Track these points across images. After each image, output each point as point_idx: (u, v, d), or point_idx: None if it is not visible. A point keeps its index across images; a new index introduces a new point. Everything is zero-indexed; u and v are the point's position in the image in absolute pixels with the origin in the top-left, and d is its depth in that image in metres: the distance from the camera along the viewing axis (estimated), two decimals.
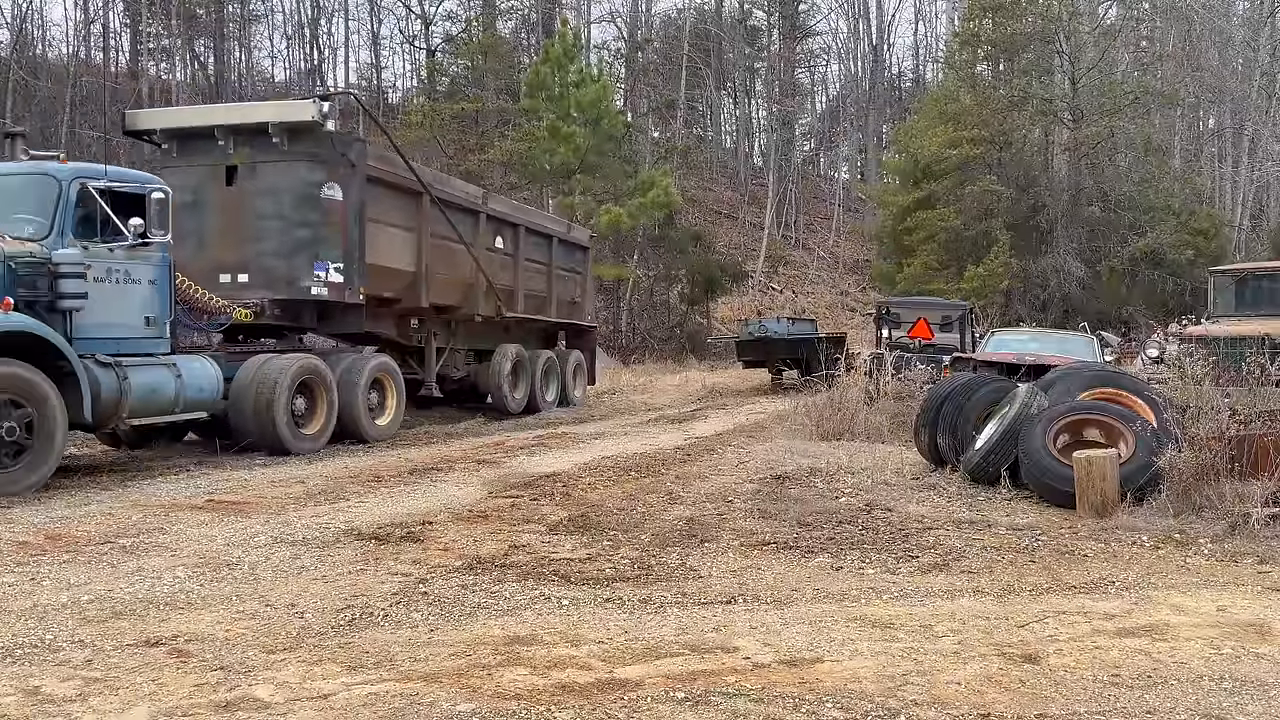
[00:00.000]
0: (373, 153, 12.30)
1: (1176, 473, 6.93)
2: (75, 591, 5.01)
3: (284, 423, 10.37)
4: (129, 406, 8.90)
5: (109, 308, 8.81)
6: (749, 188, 51.26)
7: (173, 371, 9.39)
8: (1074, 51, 32.43)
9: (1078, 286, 30.15)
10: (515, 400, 15.59)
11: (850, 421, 12.03)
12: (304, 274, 11.24)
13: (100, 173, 8.99)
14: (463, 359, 15.03)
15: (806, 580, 5.41)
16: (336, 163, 11.49)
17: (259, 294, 11.10)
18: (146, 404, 9.11)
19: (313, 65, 45.95)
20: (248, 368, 10.37)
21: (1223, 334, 13.10)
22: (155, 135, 12.30)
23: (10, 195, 8.76)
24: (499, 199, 16.39)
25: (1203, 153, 43.87)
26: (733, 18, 56.21)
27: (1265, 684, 3.87)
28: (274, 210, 11.33)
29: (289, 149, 11.44)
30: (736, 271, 36.94)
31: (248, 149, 11.53)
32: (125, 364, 8.88)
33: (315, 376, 10.90)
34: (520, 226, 15.88)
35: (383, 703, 3.59)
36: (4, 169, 9.24)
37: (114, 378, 8.70)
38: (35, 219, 8.57)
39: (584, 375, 18.43)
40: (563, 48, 30.19)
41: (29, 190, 8.75)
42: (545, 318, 16.93)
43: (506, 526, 6.73)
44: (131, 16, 41.01)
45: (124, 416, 9.01)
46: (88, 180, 8.82)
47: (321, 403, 11.01)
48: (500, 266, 15.16)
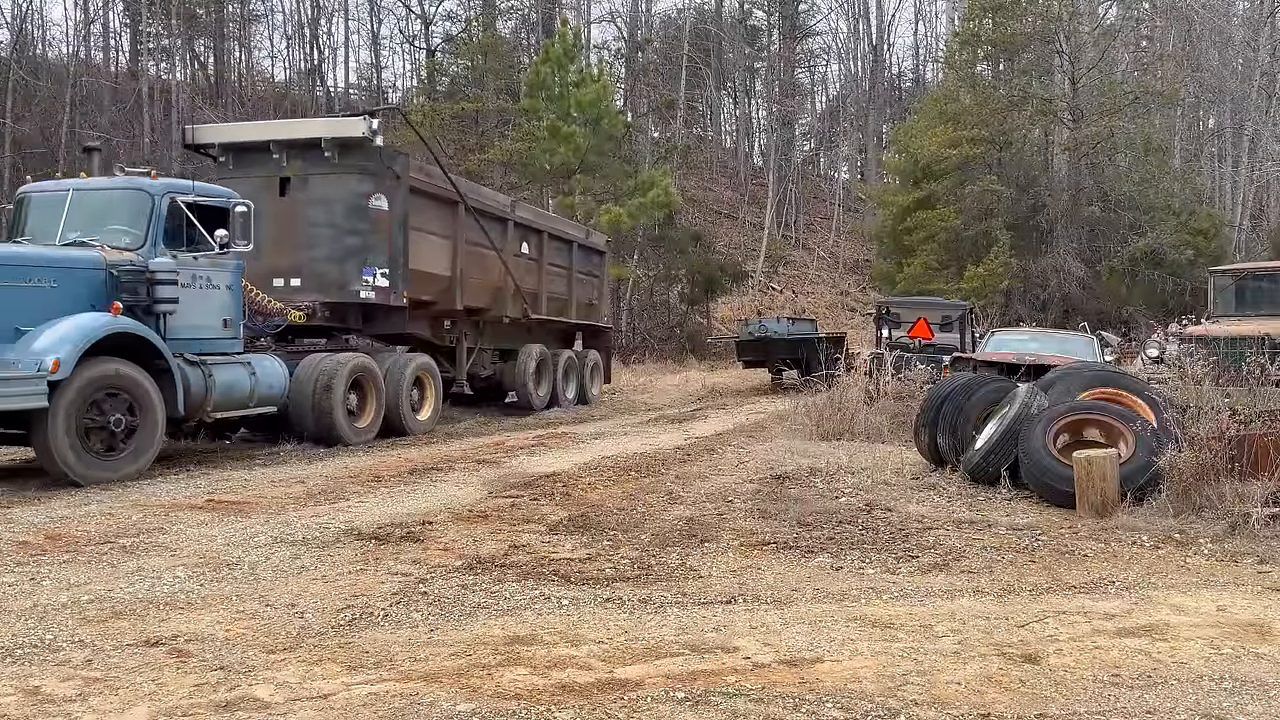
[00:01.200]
0: (414, 165, 13.27)
1: (1176, 473, 6.93)
2: (75, 591, 5.01)
3: (341, 416, 11.25)
4: (213, 401, 9.78)
5: (193, 311, 9.63)
6: (749, 188, 51.26)
7: (248, 369, 10.27)
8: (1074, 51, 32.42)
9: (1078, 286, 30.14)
10: (539, 397, 16.34)
11: (850, 421, 12.04)
12: (353, 279, 12.15)
13: (188, 188, 9.96)
14: (490, 358, 15.83)
15: (806, 580, 5.41)
16: (383, 175, 12.41)
17: (310, 297, 11.92)
18: (227, 399, 9.98)
19: (313, 65, 45.94)
20: (306, 365, 11.19)
21: (1223, 334, 13.10)
22: (213, 149, 13.10)
23: (106, 208, 9.58)
24: (525, 206, 17.32)
25: (1203, 153, 43.85)
26: (733, 18, 56.22)
27: (1265, 684, 3.87)
28: (325, 219, 12.19)
29: (339, 162, 12.29)
30: (736, 271, 36.92)
31: (300, 162, 12.36)
32: (209, 362, 9.77)
33: (366, 374, 11.79)
34: (544, 232, 16.80)
35: (383, 703, 3.59)
36: (100, 184, 9.95)
37: (201, 375, 9.61)
38: (130, 230, 9.40)
39: (600, 374, 19.21)
40: (563, 48, 30.17)
41: (124, 204, 9.57)
42: (566, 319, 17.76)
43: (506, 526, 6.73)
44: (131, 16, 41.00)
45: (208, 410, 9.82)
46: (176, 195, 9.69)
47: (371, 398, 11.91)
48: (525, 271, 16.06)
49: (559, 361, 17.15)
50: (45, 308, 8.50)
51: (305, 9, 45.62)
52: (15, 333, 8.30)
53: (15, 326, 8.31)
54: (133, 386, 8.79)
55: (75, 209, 9.52)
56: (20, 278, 8.52)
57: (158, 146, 31.13)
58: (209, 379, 9.68)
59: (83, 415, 8.43)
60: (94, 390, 8.50)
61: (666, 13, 60.30)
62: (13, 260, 8.63)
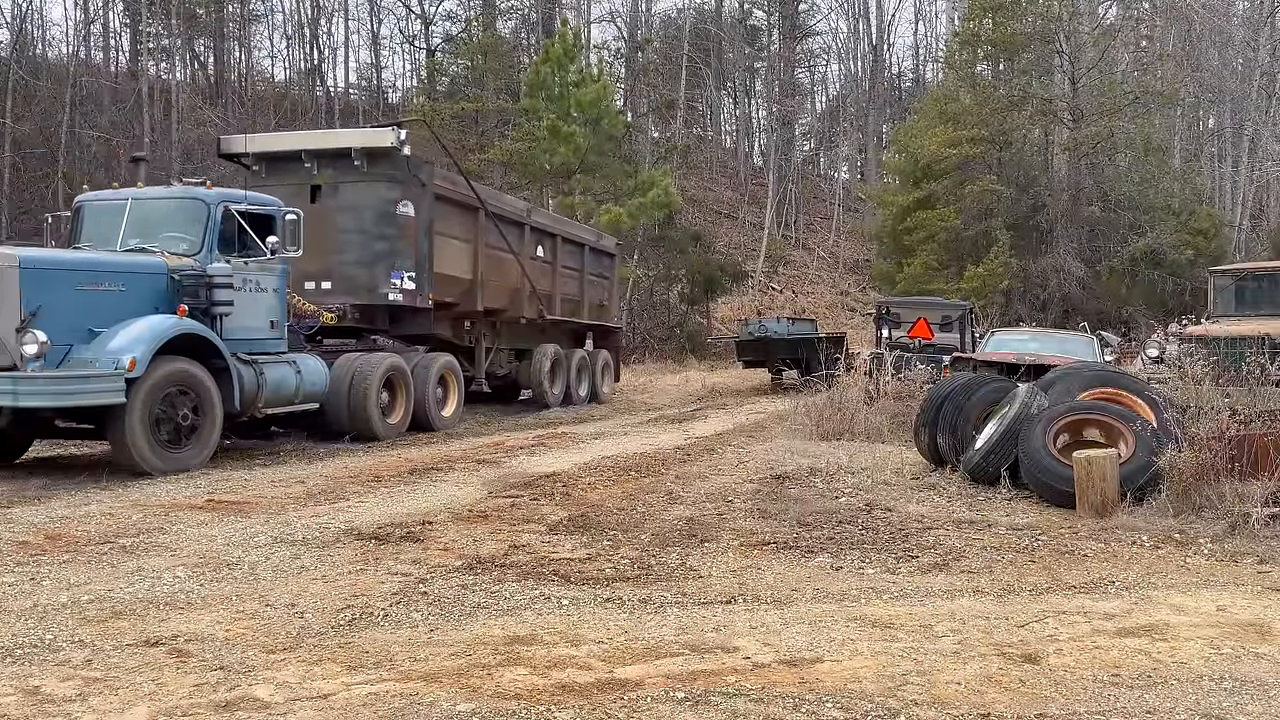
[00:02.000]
0: (439, 173, 13.98)
1: (1176, 473, 6.92)
2: (75, 591, 5.01)
3: (375, 413, 11.84)
4: (264, 398, 10.31)
5: (245, 313, 10.14)
6: (749, 188, 51.25)
7: (293, 368, 10.84)
8: (1074, 51, 32.41)
9: (1078, 286, 30.14)
10: (554, 395, 16.90)
11: (850, 421, 12.03)
12: (382, 282, 12.76)
13: (240, 197, 10.50)
14: (506, 357, 16.42)
15: (806, 580, 5.41)
16: (410, 183, 12.97)
17: (340, 299, 12.53)
18: (277, 395, 10.54)
19: (313, 65, 45.92)
20: (342, 364, 11.76)
21: (1223, 334, 13.09)
22: (246, 158, 13.58)
23: (164, 216, 10.15)
24: (540, 211, 18.17)
25: (1203, 153, 43.85)
26: (733, 18, 56.22)
27: (1265, 684, 3.87)
28: (354, 225, 12.74)
29: (368, 171, 12.83)
30: (736, 271, 36.91)
31: (331, 170, 12.94)
32: (260, 361, 10.30)
33: (397, 373, 12.39)
34: (558, 236, 17.42)
35: (383, 703, 3.59)
36: (158, 193, 10.59)
37: (253, 373, 10.13)
38: (188, 237, 9.96)
39: (611, 372, 19.85)
40: (563, 48, 30.15)
41: (181, 212, 10.14)
42: (578, 319, 18.37)
43: (506, 526, 6.73)
44: (131, 16, 40.98)
45: (260, 406, 10.35)
46: (230, 204, 10.26)
47: (401, 395, 12.52)
48: (541, 273, 16.65)
49: (572, 361, 17.69)
50: (115, 310, 9.05)
51: (305, 9, 45.65)
52: (89, 333, 8.86)
53: (89, 328, 8.87)
54: (196, 384, 9.40)
55: (135, 217, 10.05)
56: (93, 281, 9.09)
57: (158, 146, 31.11)
58: (260, 377, 10.21)
59: (155, 410, 8.99)
60: (165, 387, 9.07)
61: (666, 13, 60.41)
62: (87, 265, 9.25)
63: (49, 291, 8.69)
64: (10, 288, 8.52)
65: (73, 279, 8.96)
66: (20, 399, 8.34)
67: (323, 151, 13.10)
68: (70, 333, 8.72)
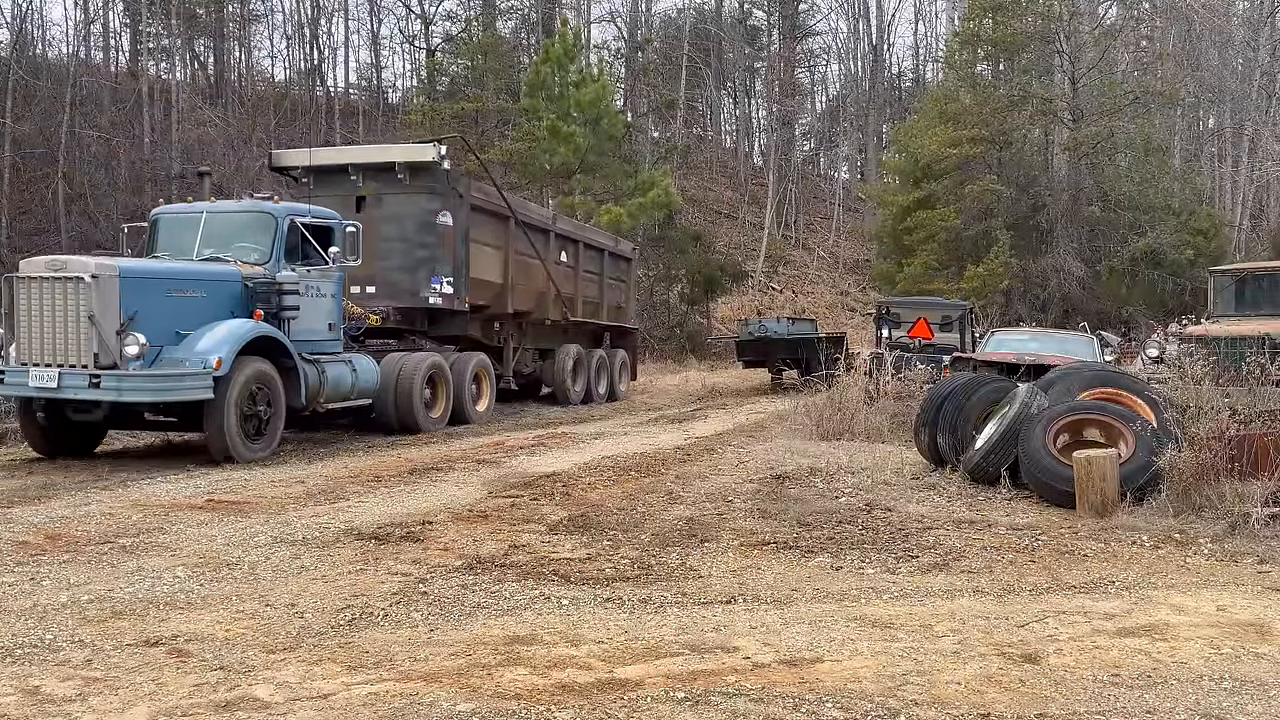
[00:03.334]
0: (474, 185, 14.95)
1: (1176, 473, 6.93)
2: (75, 591, 5.01)
3: (419, 408, 12.72)
4: (325, 394, 11.13)
5: (307, 316, 10.97)
6: (749, 188, 51.24)
7: (349, 366, 11.68)
8: (1074, 51, 32.38)
9: (1078, 286, 30.12)
10: (575, 392, 17.75)
11: (850, 421, 12.03)
12: (423, 286, 13.66)
13: (305, 211, 11.39)
14: (531, 357, 17.31)
15: (806, 580, 5.41)
16: (448, 194, 13.92)
17: (384, 303, 13.34)
18: (335, 392, 11.35)
19: (313, 65, 45.91)
20: (389, 363, 12.57)
21: (1223, 334, 13.08)
22: (296, 171, 14.42)
23: (235, 228, 10.97)
24: (564, 219, 18.99)
25: (1203, 153, 43.84)
26: (733, 18, 56.20)
27: (1265, 684, 3.87)
28: (397, 234, 13.62)
29: (410, 183, 13.76)
30: (736, 271, 36.88)
31: (375, 183, 13.86)
32: (321, 360, 11.13)
33: (438, 371, 13.30)
34: (579, 242, 18.43)
35: (383, 703, 3.59)
36: (230, 206, 11.53)
37: (316, 371, 10.97)
38: (257, 248, 10.79)
39: (628, 371, 20.77)
40: (563, 48, 30.13)
41: (252, 224, 10.96)
42: (598, 321, 19.25)
43: (506, 526, 6.73)
44: (131, 16, 40.98)
45: (321, 401, 11.14)
46: (295, 217, 11.14)
47: (442, 391, 13.41)
48: (564, 277, 17.61)
49: (592, 360, 18.59)
50: (197, 314, 9.92)
51: (305, 9, 45.63)
52: (176, 336, 9.68)
53: (176, 330, 9.70)
54: (270, 381, 10.28)
55: (209, 229, 10.87)
56: (180, 289, 9.98)
57: (157, 146, 31.11)
58: (322, 375, 11.07)
59: (242, 405, 9.91)
60: (250, 384, 10.00)
61: (666, 13, 60.33)
62: (175, 274, 10.14)
63: (143, 298, 9.51)
64: (111, 294, 9.32)
65: (163, 286, 9.85)
66: (124, 394, 9.24)
67: (368, 165, 14.06)
68: (161, 335, 9.54)
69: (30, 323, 9.44)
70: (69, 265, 9.57)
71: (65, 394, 9.37)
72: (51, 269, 9.53)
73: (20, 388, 9.50)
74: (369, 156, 14.74)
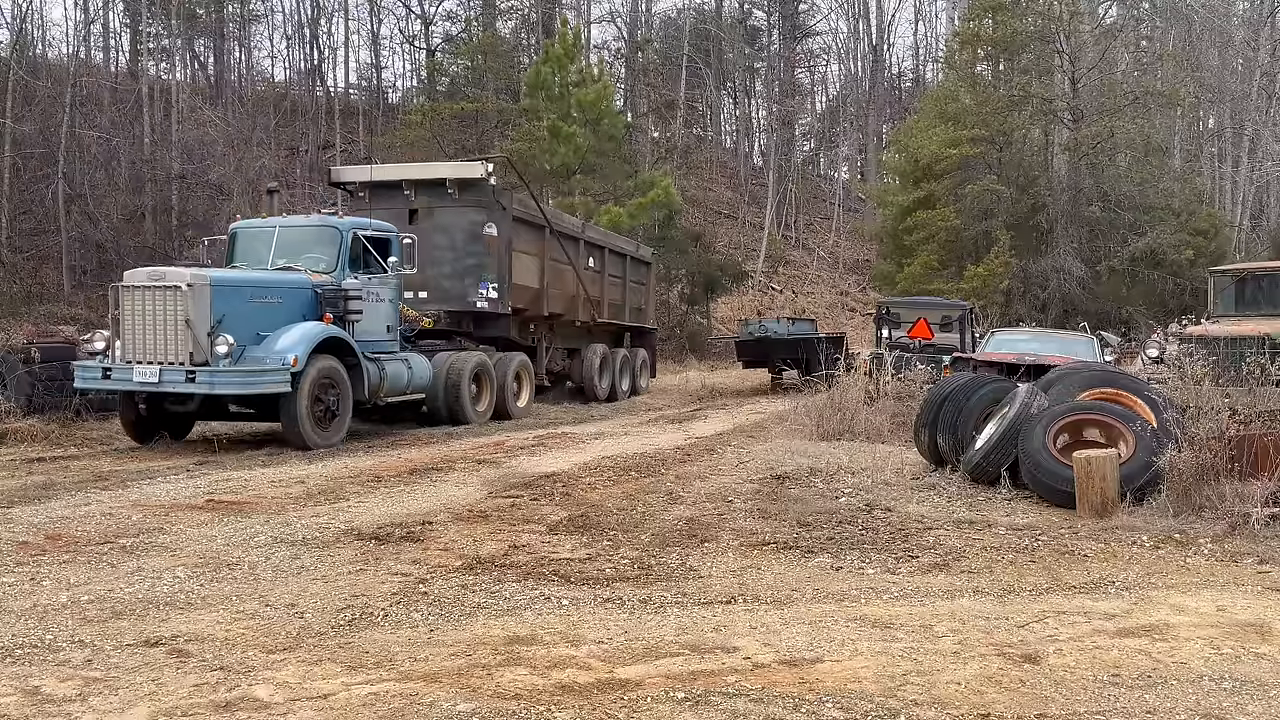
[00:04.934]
0: (516, 198, 16.14)
1: (1176, 473, 6.92)
2: (75, 591, 5.01)
3: (467, 403, 13.91)
4: (385, 389, 12.26)
5: (369, 319, 12.09)
6: (749, 188, 51.26)
7: (405, 364, 12.79)
8: (1074, 51, 32.37)
9: (1078, 286, 30.08)
10: (602, 389, 18.90)
11: (850, 421, 12.02)
12: (471, 291, 14.94)
13: (366, 224, 12.61)
14: (560, 356, 18.42)
15: (806, 580, 5.41)
16: (493, 207, 15.20)
17: (435, 307, 14.54)
18: (394, 387, 12.50)
19: (313, 65, 45.94)
20: (439, 361, 13.70)
21: (1223, 334, 13.08)
22: (352, 186, 15.85)
23: (304, 240, 12.21)
24: (592, 228, 20.28)
25: (1203, 153, 43.83)
26: (733, 18, 56.22)
27: (1265, 684, 3.87)
28: (447, 243, 14.80)
29: (460, 197, 15.04)
30: (736, 271, 36.86)
31: (426, 197, 15.12)
32: (381, 359, 12.26)
33: (484, 369, 14.54)
34: (605, 248, 19.71)
35: (383, 703, 3.59)
36: (300, 221, 12.88)
37: (377, 368, 12.10)
38: (324, 258, 11.98)
39: (648, 369, 21.96)
40: (563, 48, 30.11)
41: (319, 237, 12.18)
42: (621, 322, 20.49)
43: (506, 526, 6.73)
44: (131, 16, 40.96)
45: (381, 395, 12.27)
46: (358, 230, 12.34)
47: (486, 388, 14.62)
48: (592, 281, 18.84)
49: (616, 358, 19.74)
50: (275, 318, 11.12)
51: (305, 9, 45.67)
52: (257, 336, 10.85)
53: (256, 332, 10.87)
54: (338, 377, 11.44)
55: (281, 241, 12.13)
56: (260, 295, 11.16)
57: (157, 146, 31.10)
58: (382, 372, 12.18)
59: (315, 398, 11.04)
60: (321, 379, 11.14)
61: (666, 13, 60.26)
62: (256, 282, 11.33)
63: (230, 303, 10.74)
64: (204, 300, 10.55)
65: (246, 293, 11.04)
66: (216, 387, 10.50)
67: (420, 181, 15.29)
68: (244, 336, 10.68)
69: (134, 326, 10.69)
70: (168, 276, 10.83)
71: (165, 388, 10.61)
72: (152, 279, 10.79)
73: (125, 382, 10.73)
74: (421, 173, 15.91)
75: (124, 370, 10.68)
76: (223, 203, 27.66)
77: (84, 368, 11.07)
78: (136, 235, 28.18)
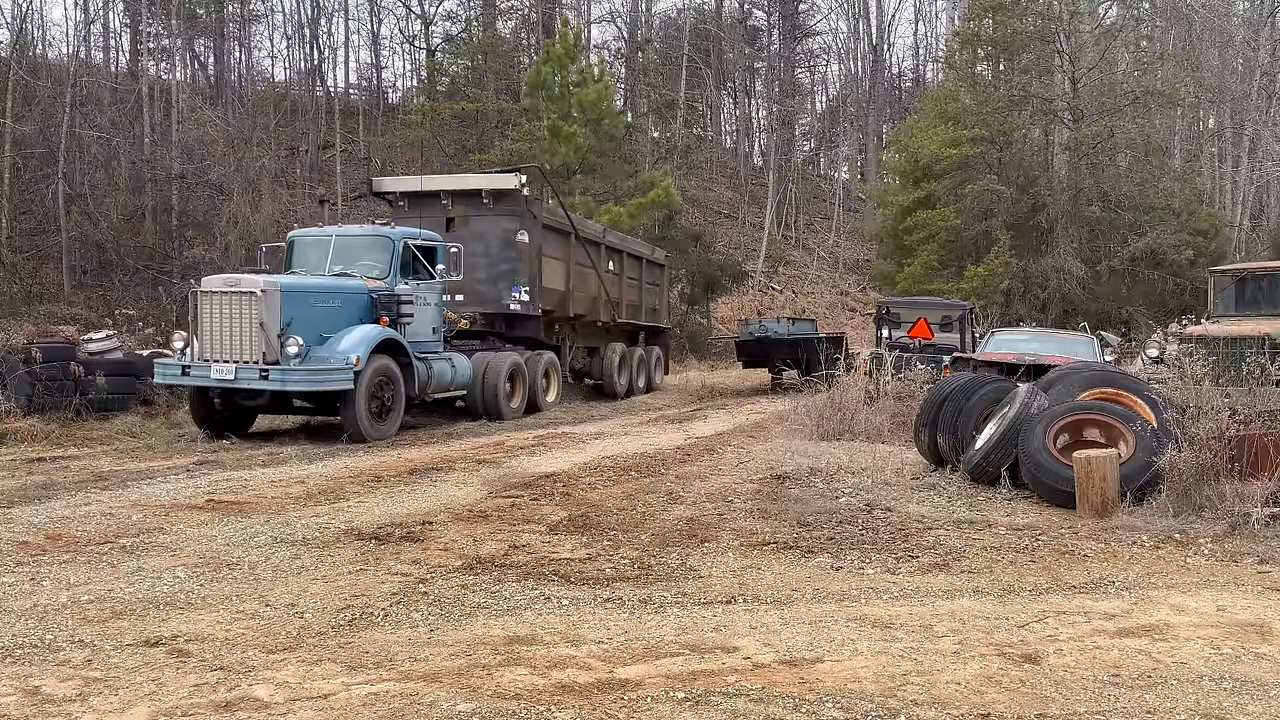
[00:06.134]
0: (545, 207, 17.42)
1: (1176, 473, 6.92)
2: (75, 591, 5.01)
3: (503, 399, 14.80)
4: (432, 386, 13.22)
5: (417, 321, 12.99)
6: (749, 188, 51.25)
7: (449, 363, 13.73)
8: (1074, 51, 32.34)
9: (1078, 286, 30.05)
10: (621, 385, 19.73)
11: (850, 421, 12.02)
12: (505, 295, 15.83)
13: (416, 234, 13.56)
14: (582, 354, 19.24)
15: (806, 580, 5.41)
16: (525, 216, 16.10)
17: (471, 309, 15.37)
18: (440, 384, 13.42)
19: (313, 65, 45.91)
20: (477, 360, 14.62)
21: (1223, 334, 13.07)
22: (393, 196, 16.71)
23: (359, 249, 13.10)
24: (612, 233, 21.04)
25: (1203, 153, 43.80)
26: (733, 18, 56.19)
27: (1265, 684, 3.87)
28: (482, 250, 15.55)
29: (494, 207, 15.97)
30: (736, 271, 36.83)
31: (463, 206, 16.06)
32: (429, 358, 13.22)
33: (517, 368, 15.43)
34: (624, 252, 20.57)
35: (383, 703, 3.59)
36: (354, 230, 13.77)
37: (425, 367, 13.05)
38: (378, 265, 12.89)
39: (662, 366, 22.81)
40: (564, 48, 30.10)
41: (373, 246, 13.07)
42: (637, 321, 21.28)
43: (506, 526, 6.73)
44: (131, 16, 40.95)
45: (429, 391, 13.22)
46: (409, 239, 13.24)
47: (520, 385, 15.53)
48: (611, 284, 19.68)
49: (633, 356, 20.62)
50: (335, 320, 11.96)
51: (305, 9, 45.62)
52: (320, 338, 11.66)
53: (320, 333, 11.68)
54: (392, 375, 12.31)
55: (338, 249, 12.99)
56: (323, 300, 12.00)
57: (157, 146, 31.09)
58: (429, 370, 13.11)
59: (372, 394, 11.91)
60: (376, 377, 11.99)
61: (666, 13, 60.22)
62: (321, 288, 12.18)
63: (297, 307, 11.57)
64: (275, 305, 11.38)
65: (311, 298, 11.86)
66: (288, 384, 11.39)
67: (457, 191, 16.28)
68: (309, 337, 11.48)
69: (211, 328, 11.53)
70: (243, 282, 11.70)
71: (240, 384, 11.49)
72: (228, 285, 11.67)
73: (203, 379, 11.60)
74: (459, 184, 16.93)
75: (202, 368, 11.51)
76: (223, 203, 27.65)
77: (164, 365, 12.00)
78: (136, 235, 28.19)
